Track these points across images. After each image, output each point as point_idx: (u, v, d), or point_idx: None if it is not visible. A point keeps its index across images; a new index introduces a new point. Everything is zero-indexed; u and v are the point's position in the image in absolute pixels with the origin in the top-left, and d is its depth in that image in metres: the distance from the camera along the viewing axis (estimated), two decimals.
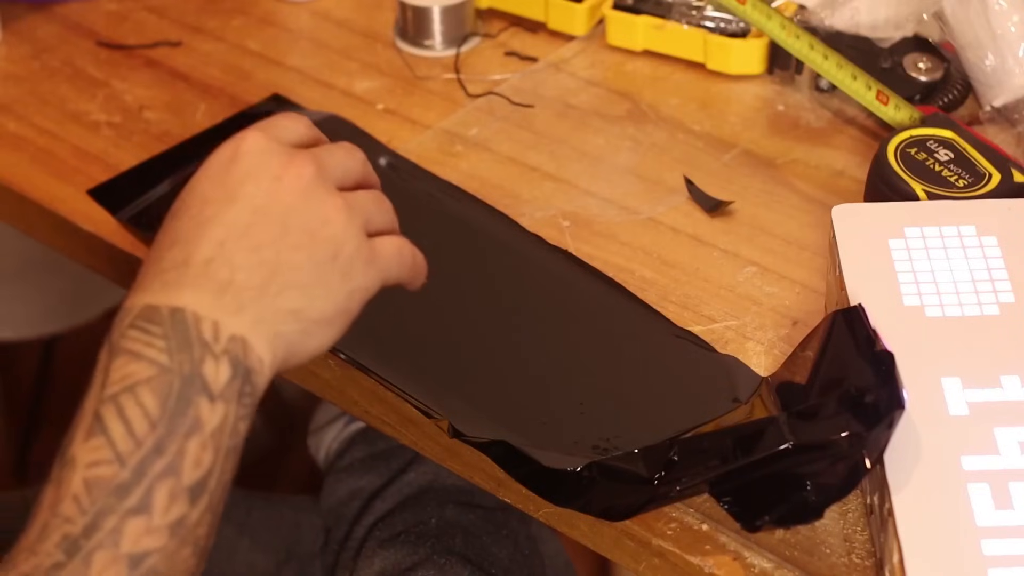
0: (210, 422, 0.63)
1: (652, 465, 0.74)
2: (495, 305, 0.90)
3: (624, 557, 0.79)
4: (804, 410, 0.74)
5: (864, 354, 0.73)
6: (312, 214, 0.69)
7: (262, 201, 0.69)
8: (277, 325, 0.67)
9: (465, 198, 0.97)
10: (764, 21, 0.98)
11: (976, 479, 0.70)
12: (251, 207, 0.68)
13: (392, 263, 0.73)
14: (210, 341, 0.65)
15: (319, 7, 1.17)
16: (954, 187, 0.88)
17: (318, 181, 0.70)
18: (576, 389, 0.84)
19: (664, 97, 1.06)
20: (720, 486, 0.75)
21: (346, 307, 0.70)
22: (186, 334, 0.64)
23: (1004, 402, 0.74)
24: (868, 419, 0.70)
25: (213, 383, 0.64)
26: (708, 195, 0.97)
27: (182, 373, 0.63)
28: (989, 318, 0.78)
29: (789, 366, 0.80)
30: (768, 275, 0.91)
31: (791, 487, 0.72)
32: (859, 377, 0.73)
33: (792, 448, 0.72)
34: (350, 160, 0.73)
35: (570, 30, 1.12)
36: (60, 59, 1.12)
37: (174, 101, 1.07)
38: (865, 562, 0.74)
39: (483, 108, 1.06)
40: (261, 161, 0.69)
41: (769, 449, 0.73)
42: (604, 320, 0.88)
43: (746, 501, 0.74)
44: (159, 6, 1.17)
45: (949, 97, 1.00)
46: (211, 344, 0.65)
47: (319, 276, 0.69)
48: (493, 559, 0.99)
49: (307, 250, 0.68)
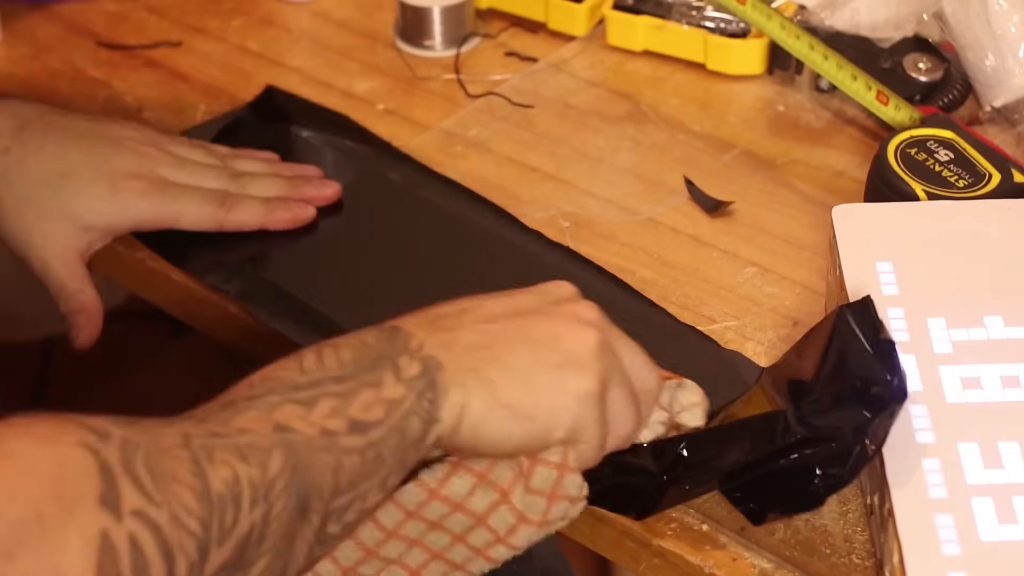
0: (388, 390, 0.65)
1: (660, 459, 0.75)
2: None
3: (624, 557, 0.79)
4: (811, 402, 0.74)
5: (871, 346, 0.74)
6: (567, 331, 0.69)
7: (525, 304, 0.70)
8: (469, 379, 0.67)
9: (466, 195, 0.97)
10: (764, 21, 0.98)
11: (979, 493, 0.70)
12: (513, 304, 0.70)
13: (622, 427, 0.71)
14: (412, 348, 0.67)
15: (319, 7, 1.17)
16: (954, 187, 0.88)
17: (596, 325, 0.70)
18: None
19: (664, 97, 1.06)
20: (729, 482, 0.75)
21: (536, 414, 0.68)
22: (394, 336, 0.67)
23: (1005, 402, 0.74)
24: (873, 409, 0.71)
25: (403, 370, 0.66)
26: (708, 195, 0.97)
27: (380, 351, 0.66)
28: (990, 319, 0.78)
29: (792, 356, 0.81)
30: (768, 275, 0.91)
31: (798, 479, 0.73)
32: (866, 369, 0.73)
33: (800, 440, 0.72)
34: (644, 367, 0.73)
35: (570, 30, 1.12)
36: (60, 59, 1.12)
37: (174, 102, 1.07)
38: (865, 562, 0.74)
39: (483, 108, 1.06)
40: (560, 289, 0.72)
41: (778, 442, 0.73)
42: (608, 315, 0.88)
43: (754, 495, 0.75)
44: (159, 6, 1.17)
45: (949, 97, 1.00)
46: (412, 350, 0.67)
47: (532, 370, 0.68)
48: None
49: (539, 347, 0.69)
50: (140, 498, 0.56)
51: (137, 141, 0.91)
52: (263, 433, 0.61)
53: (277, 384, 0.64)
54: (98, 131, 0.90)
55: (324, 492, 0.63)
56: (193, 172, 0.92)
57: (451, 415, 0.67)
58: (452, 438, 0.67)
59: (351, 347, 0.66)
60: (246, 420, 0.61)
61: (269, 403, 0.62)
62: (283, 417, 0.62)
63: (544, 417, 0.68)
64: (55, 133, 0.89)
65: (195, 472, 0.58)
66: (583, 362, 0.69)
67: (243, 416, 0.62)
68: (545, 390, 0.68)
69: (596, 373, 0.69)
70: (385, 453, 0.65)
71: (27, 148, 0.87)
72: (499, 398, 0.67)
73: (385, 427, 0.64)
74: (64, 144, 0.88)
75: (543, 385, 0.68)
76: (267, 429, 0.61)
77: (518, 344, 0.68)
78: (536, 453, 0.69)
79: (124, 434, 0.58)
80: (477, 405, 0.67)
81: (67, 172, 0.87)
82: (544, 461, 0.70)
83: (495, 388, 0.67)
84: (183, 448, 0.59)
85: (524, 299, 0.71)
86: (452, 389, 0.67)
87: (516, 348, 0.68)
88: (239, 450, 0.60)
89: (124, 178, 0.89)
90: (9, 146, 0.87)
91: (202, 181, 0.91)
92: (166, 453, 0.58)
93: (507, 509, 0.70)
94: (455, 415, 0.67)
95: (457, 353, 0.67)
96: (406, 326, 0.68)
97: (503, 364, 0.68)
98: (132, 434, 0.58)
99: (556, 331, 0.69)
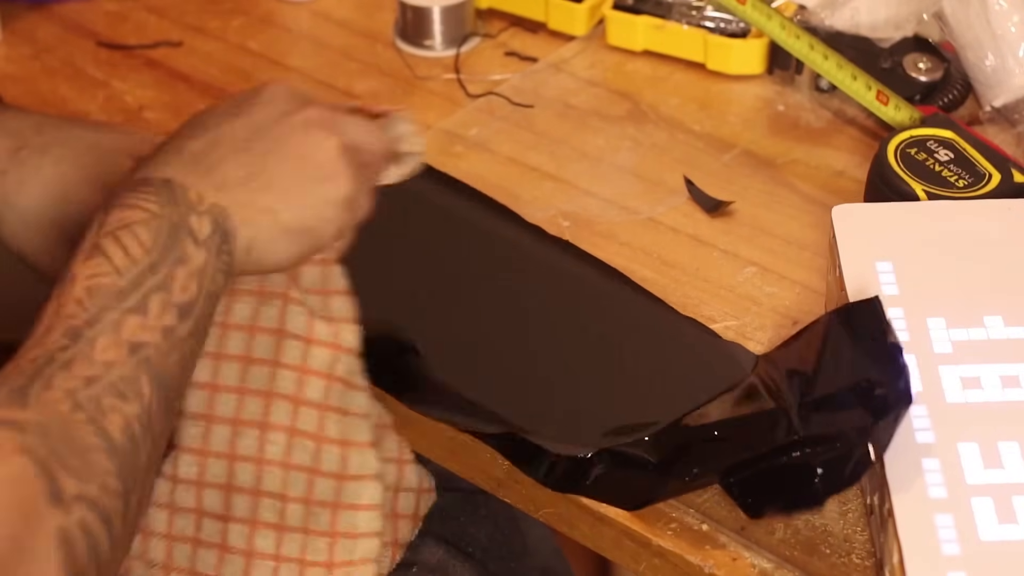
0: (195, 260, 0.69)
1: (660, 451, 0.75)
2: (498, 298, 0.90)
3: (624, 557, 0.79)
4: (814, 400, 0.74)
5: (877, 346, 0.74)
6: (310, 144, 0.74)
7: (264, 122, 0.74)
8: (252, 214, 0.72)
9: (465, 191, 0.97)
10: (764, 21, 0.98)
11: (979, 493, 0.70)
12: (252, 124, 0.74)
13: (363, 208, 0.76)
14: (194, 203, 0.70)
15: (319, 7, 1.17)
16: (954, 187, 0.88)
17: (325, 124, 0.75)
18: (583, 377, 0.84)
19: (664, 97, 1.06)
20: (729, 476, 0.75)
21: (315, 227, 0.73)
22: (173, 195, 0.70)
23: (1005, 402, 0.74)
24: (877, 412, 0.71)
25: (197, 231, 0.70)
26: (708, 195, 0.97)
27: (171, 219, 0.69)
28: (990, 319, 0.78)
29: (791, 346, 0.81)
30: (768, 275, 0.91)
31: (799, 478, 0.73)
32: (870, 369, 0.73)
33: (802, 439, 0.72)
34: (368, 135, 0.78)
35: (570, 30, 1.12)
36: (60, 59, 1.12)
37: (174, 102, 1.07)
38: (865, 562, 0.74)
39: (483, 108, 1.06)
40: (279, 97, 0.75)
41: (779, 440, 0.73)
42: (608, 307, 0.88)
43: (753, 490, 0.75)
44: (159, 6, 1.17)
45: (949, 97, 1.00)
46: (195, 205, 0.70)
47: (300, 189, 0.73)
48: (470, 539, 0.99)
49: (294, 165, 0.73)
50: (75, 482, 0.60)
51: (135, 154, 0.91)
52: (124, 361, 0.65)
53: (105, 295, 0.67)
54: (98, 143, 0.90)
55: (177, 384, 0.68)
56: None
57: (242, 252, 0.72)
58: (243, 269, 0.73)
59: (144, 224, 0.69)
60: (103, 350, 0.65)
61: (111, 322, 0.66)
62: (130, 334, 0.66)
63: (316, 229, 0.74)
64: (52, 152, 0.88)
65: (97, 432, 0.63)
66: (337, 169, 0.74)
67: (98, 346, 0.65)
68: (313, 205, 0.74)
69: (348, 177, 0.74)
70: (205, 321, 0.70)
71: (24, 170, 0.87)
72: (280, 224, 0.72)
73: (202, 297, 0.69)
74: (61, 164, 0.88)
75: (311, 201, 0.73)
76: (125, 355, 0.65)
77: (279, 167, 0.73)
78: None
79: (29, 419, 0.61)
80: (263, 235, 0.72)
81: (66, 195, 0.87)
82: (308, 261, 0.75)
83: (276, 215, 0.72)
84: (78, 410, 0.63)
85: (258, 114, 0.75)
86: (241, 228, 0.71)
87: (279, 171, 0.73)
88: (117, 390, 0.64)
89: None
90: (6, 169, 0.87)
91: None
92: (70, 422, 0.62)
93: (295, 307, 0.75)
94: (244, 250, 0.72)
95: (234, 191, 0.72)
96: (176, 176, 0.71)
97: (274, 190, 0.73)
98: (34, 415, 0.62)
99: (304, 146, 0.74)
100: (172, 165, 0.72)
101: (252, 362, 0.75)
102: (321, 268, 0.76)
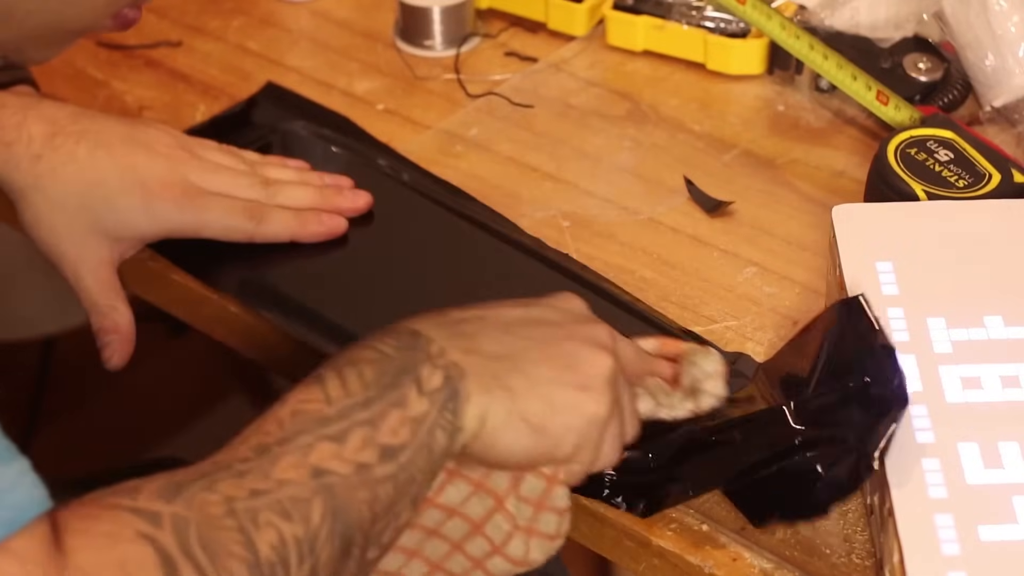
0: (413, 407, 0.66)
1: (660, 457, 0.75)
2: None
3: (624, 557, 0.79)
4: (810, 402, 0.74)
5: (867, 346, 0.74)
6: (583, 354, 0.71)
7: (542, 317, 0.72)
8: (491, 386, 0.68)
9: (466, 200, 0.96)
10: (764, 21, 0.98)
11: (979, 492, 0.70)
12: (529, 316, 0.72)
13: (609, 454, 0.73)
14: (434, 355, 0.68)
15: (319, 7, 1.17)
16: (954, 187, 0.88)
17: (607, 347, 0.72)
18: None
19: (664, 97, 1.06)
20: (731, 483, 0.76)
21: (549, 429, 0.69)
22: (414, 343, 0.68)
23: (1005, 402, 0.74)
24: (873, 413, 0.71)
25: (425, 382, 0.67)
26: (708, 195, 0.97)
27: (402, 363, 0.67)
28: (990, 319, 0.78)
29: (787, 353, 0.81)
30: (768, 275, 0.91)
31: (800, 484, 0.73)
32: (863, 370, 0.73)
33: (800, 443, 0.73)
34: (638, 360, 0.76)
35: (570, 30, 1.12)
36: (60, 59, 1.11)
37: (174, 101, 1.07)
38: (865, 562, 0.74)
39: (483, 108, 1.06)
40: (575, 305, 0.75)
41: (777, 443, 0.73)
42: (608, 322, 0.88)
43: (755, 497, 0.75)
44: (159, 6, 1.17)
45: (949, 97, 1.00)
46: (433, 357, 0.68)
47: (551, 386, 0.70)
48: None
49: (557, 364, 0.70)
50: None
51: (169, 145, 0.90)
52: (302, 482, 0.63)
53: (307, 420, 0.65)
54: (131, 136, 0.89)
55: (364, 526, 0.64)
56: (225, 179, 0.91)
57: (473, 422, 0.68)
58: (471, 445, 0.69)
59: (371, 363, 0.67)
60: (284, 469, 0.63)
61: (303, 445, 0.64)
62: (318, 459, 0.63)
63: (555, 434, 0.70)
64: (87, 140, 0.88)
65: (244, 542, 0.60)
66: (599, 388, 0.70)
67: (280, 464, 0.63)
68: (561, 408, 0.70)
69: (608, 401, 0.71)
70: (415, 472, 0.66)
71: (58, 156, 0.87)
72: (519, 409, 0.69)
73: (413, 447, 0.66)
74: (95, 152, 0.87)
75: (560, 403, 0.70)
76: (305, 476, 0.63)
77: (539, 359, 0.70)
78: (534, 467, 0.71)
79: (173, 512, 0.60)
80: (498, 413, 0.68)
81: (98, 182, 0.87)
82: (536, 471, 0.71)
83: (516, 398, 0.69)
84: (229, 517, 0.60)
85: (539, 312, 0.73)
86: (475, 396, 0.68)
87: (537, 362, 0.70)
88: (282, 507, 0.62)
89: (156, 187, 0.88)
90: (41, 153, 0.87)
91: (234, 189, 0.91)
92: (214, 525, 0.60)
93: (502, 517, 0.71)
94: (476, 422, 0.68)
95: (479, 360, 0.69)
96: (425, 330, 0.69)
97: (524, 376, 0.69)
98: (180, 509, 0.60)
99: (576, 352, 0.71)
100: (428, 322, 0.70)
101: (435, 534, 0.72)
102: (547, 483, 0.72)
